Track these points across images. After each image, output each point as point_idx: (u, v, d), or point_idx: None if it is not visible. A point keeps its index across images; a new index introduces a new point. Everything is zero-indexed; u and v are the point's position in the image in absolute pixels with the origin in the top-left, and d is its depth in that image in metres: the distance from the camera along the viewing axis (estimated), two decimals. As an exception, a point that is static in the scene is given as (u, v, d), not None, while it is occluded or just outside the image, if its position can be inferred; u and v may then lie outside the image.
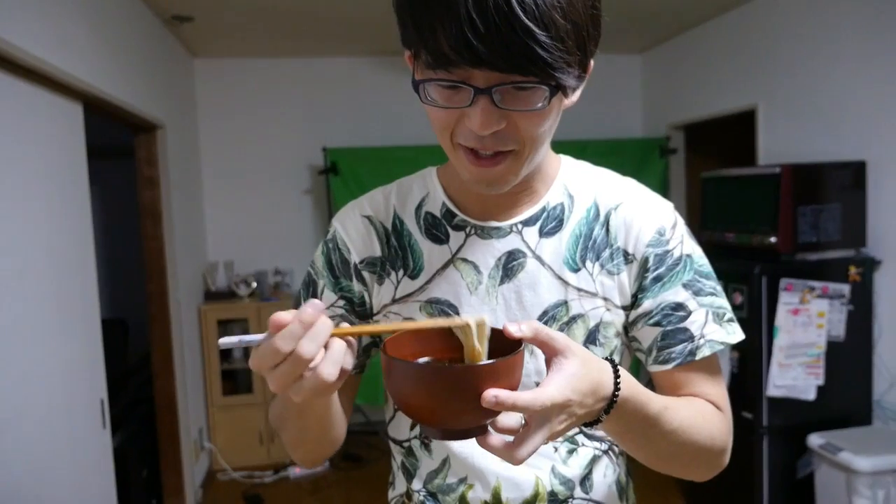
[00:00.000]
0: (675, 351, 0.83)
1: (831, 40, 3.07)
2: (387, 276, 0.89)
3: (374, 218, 0.91)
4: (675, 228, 0.86)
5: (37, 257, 2.00)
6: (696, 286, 0.84)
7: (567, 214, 0.86)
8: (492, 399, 0.59)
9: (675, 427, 0.75)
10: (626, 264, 0.85)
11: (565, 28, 0.65)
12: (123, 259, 4.51)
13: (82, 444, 2.26)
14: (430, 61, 0.67)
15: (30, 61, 1.88)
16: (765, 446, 2.79)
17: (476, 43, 0.64)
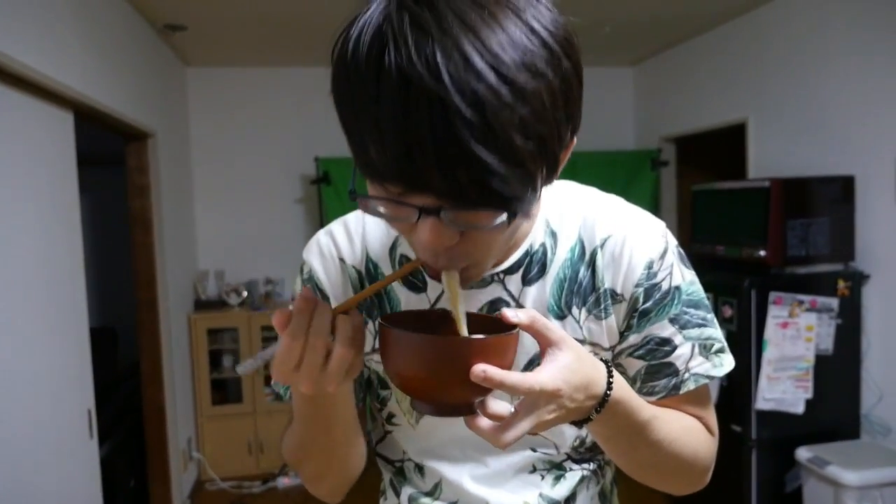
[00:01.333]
0: (659, 385, 0.81)
1: (822, 55, 3.11)
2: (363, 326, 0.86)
3: (346, 263, 0.84)
4: (665, 258, 0.79)
5: (26, 265, 1.99)
6: (682, 319, 0.79)
7: (550, 257, 0.79)
8: (480, 373, 0.57)
9: (662, 438, 0.74)
10: (615, 304, 0.80)
11: (527, 150, 0.54)
12: (113, 267, 4.49)
13: (69, 454, 2.24)
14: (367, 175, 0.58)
15: (20, 70, 1.88)
16: (753, 459, 2.79)
17: (413, 172, 0.54)
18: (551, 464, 0.87)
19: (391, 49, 0.52)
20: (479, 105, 0.51)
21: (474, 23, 0.52)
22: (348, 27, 0.58)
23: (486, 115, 0.51)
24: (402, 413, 0.88)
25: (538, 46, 0.54)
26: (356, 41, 0.55)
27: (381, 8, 0.56)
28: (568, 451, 0.87)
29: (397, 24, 0.53)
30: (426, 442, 0.88)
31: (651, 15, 3.57)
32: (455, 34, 0.52)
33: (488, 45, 0.52)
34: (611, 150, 4.58)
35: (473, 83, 0.51)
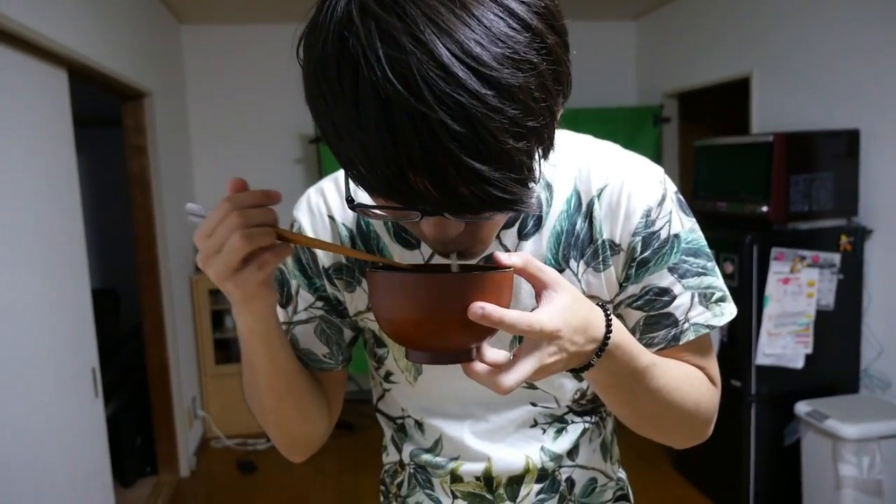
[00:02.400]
0: (659, 336, 0.79)
1: (826, 9, 3.04)
2: (358, 284, 0.83)
3: (337, 220, 0.82)
4: (663, 205, 0.77)
5: (24, 228, 1.98)
6: (682, 268, 0.78)
7: (546, 210, 0.77)
8: (478, 311, 0.54)
9: (662, 385, 0.72)
10: (613, 255, 0.78)
11: (521, 149, 0.52)
12: (113, 229, 4.48)
13: (75, 413, 2.26)
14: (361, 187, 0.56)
15: (11, 27, 1.84)
16: (752, 414, 2.82)
17: (409, 191, 0.52)
18: (552, 417, 0.87)
19: (363, 66, 0.49)
20: (465, 116, 0.48)
21: (447, 22, 0.48)
22: (309, 30, 0.54)
23: (473, 126, 0.49)
24: (400, 370, 0.88)
25: (520, 30, 0.51)
26: (322, 53, 0.52)
27: (341, 7, 0.51)
28: (569, 404, 0.87)
29: (364, 36, 0.49)
30: (425, 399, 0.88)
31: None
32: (428, 40, 0.48)
33: (466, 48, 0.48)
34: (612, 106, 4.53)
35: (456, 94, 0.48)
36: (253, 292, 0.64)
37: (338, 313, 0.86)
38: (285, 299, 0.86)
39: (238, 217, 0.59)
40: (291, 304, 0.86)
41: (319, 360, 0.87)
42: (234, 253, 0.59)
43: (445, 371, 0.84)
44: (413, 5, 0.49)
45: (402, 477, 0.94)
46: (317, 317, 0.85)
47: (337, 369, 0.89)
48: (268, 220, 0.61)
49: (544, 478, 0.88)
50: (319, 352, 0.86)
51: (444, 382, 0.86)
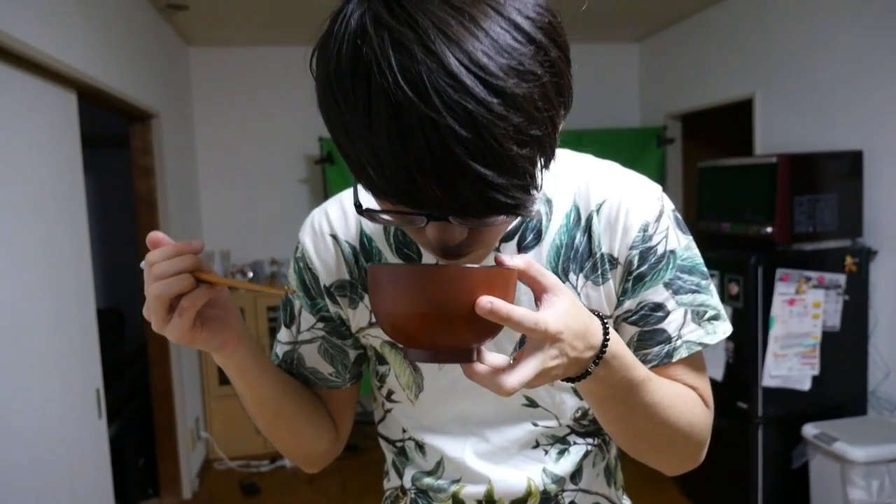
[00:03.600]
0: (652, 352, 0.79)
1: (828, 30, 3.06)
2: (360, 300, 0.84)
3: (339, 238, 0.84)
4: (660, 221, 0.79)
5: (31, 247, 1.99)
6: (676, 284, 0.79)
7: (545, 224, 0.79)
8: (487, 305, 0.54)
9: (658, 401, 0.72)
10: (612, 269, 0.79)
11: (525, 156, 0.54)
12: (119, 249, 4.50)
13: (78, 433, 2.26)
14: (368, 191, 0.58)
15: (23, 50, 1.87)
16: (759, 436, 2.80)
17: (416, 193, 0.54)
18: (554, 438, 0.87)
19: (376, 74, 0.51)
20: (472, 122, 0.50)
21: (456, 33, 0.51)
22: (324, 40, 0.57)
23: (480, 132, 0.51)
24: (402, 388, 0.88)
25: (524, 43, 0.53)
26: (337, 62, 0.54)
27: (356, 19, 0.54)
28: (570, 424, 0.87)
29: (378, 45, 0.51)
30: (426, 418, 0.88)
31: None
32: (438, 50, 0.50)
33: (474, 57, 0.51)
34: (616, 127, 4.55)
35: (464, 101, 0.50)
36: (188, 338, 0.67)
37: (339, 334, 0.87)
38: (289, 319, 0.88)
39: (151, 271, 0.64)
40: (295, 324, 0.88)
41: (326, 378, 0.88)
42: (155, 304, 0.64)
43: (446, 389, 0.84)
44: (424, 17, 0.51)
45: (403, 502, 0.94)
46: (319, 337, 0.87)
47: (345, 387, 0.90)
48: (184, 268, 0.64)
49: (546, 501, 0.87)
50: (325, 371, 0.88)
51: (445, 400, 0.85)
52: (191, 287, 0.65)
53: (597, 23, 4.16)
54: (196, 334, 0.68)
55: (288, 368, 0.90)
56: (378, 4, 0.53)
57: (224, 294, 0.71)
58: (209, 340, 0.70)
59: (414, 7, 0.52)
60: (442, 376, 0.84)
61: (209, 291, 0.67)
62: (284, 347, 0.89)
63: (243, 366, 0.76)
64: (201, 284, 0.66)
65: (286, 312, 0.89)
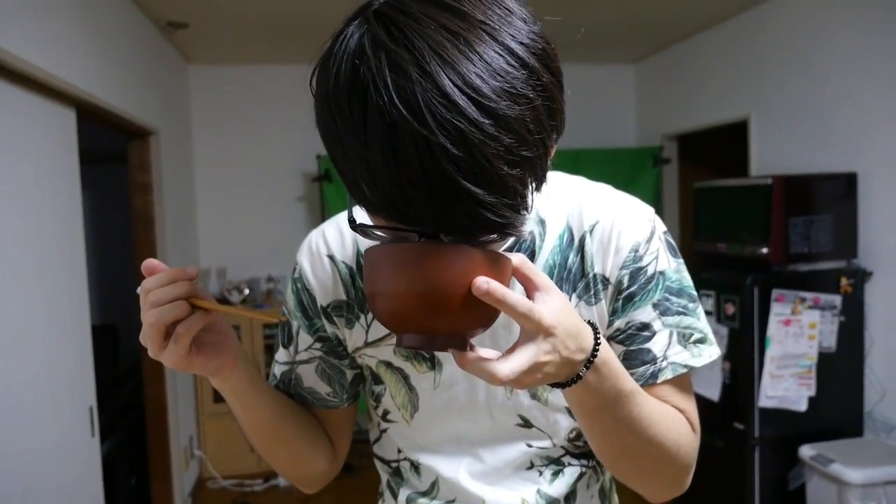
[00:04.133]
0: (638, 372, 0.79)
1: (823, 52, 3.10)
2: (356, 320, 0.85)
3: (336, 258, 0.85)
4: (651, 242, 0.80)
5: (27, 262, 1.99)
6: (663, 305, 0.79)
7: (539, 244, 0.80)
8: (483, 285, 0.55)
9: (645, 415, 0.71)
10: (604, 290, 0.80)
11: (515, 176, 0.55)
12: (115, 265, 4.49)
13: (70, 452, 2.24)
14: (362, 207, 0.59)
15: (23, 67, 1.88)
16: (756, 457, 2.79)
17: (408, 210, 0.55)
18: (549, 459, 0.87)
19: (372, 93, 0.52)
20: (464, 141, 0.52)
21: (451, 56, 0.52)
22: (324, 60, 0.58)
23: (471, 151, 0.52)
24: (397, 408, 0.88)
25: (517, 68, 0.55)
26: (335, 81, 0.56)
27: (355, 41, 0.56)
28: (564, 445, 0.86)
29: (375, 66, 0.53)
30: (421, 437, 0.88)
31: (653, 12, 3.56)
32: (433, 71, 0.51)
33: (468, 80, 0.52)
34: (613, 147, 4.58)
35: (456, 121, 0.51)
36: (184, 364, 0.68)
37: (336, 355, 0.87)
38: (287, 339, 0.89)
39: (146, 298, 0.66)
40: (293, 344, 0.88)
41: (324, 398, 0.89)
42: (151, 331, 0.66)
43: (441, 409, 0.85)
44: (421, 40, 0.53)
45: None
46: (316, 357, 0.87)
47: (343, 407, 0.90)
48: (179, 295, 0.66)
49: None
50: (323, 391, 0.88)
51: (441, 420, 0.86)
52: (186, 313, 0.66)
53: (594, 44, 4.21)
54: (192, 360, 0.69)
55: (286, 389, 0.90)
56: (377, 27, 0.55)
57: (220, 319, 0.72)
58: (205, 365, 0.70)
59: (411, 30, 0.53)
60: (437, 395, 0.84)
61: (204, 317, 0.68)
62: (282, 367, 0.90)
63: (240, 389, 0.76)
64: (196, 311, 0.67)
65: (284, 333, 0.89)
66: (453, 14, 0.55)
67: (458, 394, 0.83)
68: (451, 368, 0.83)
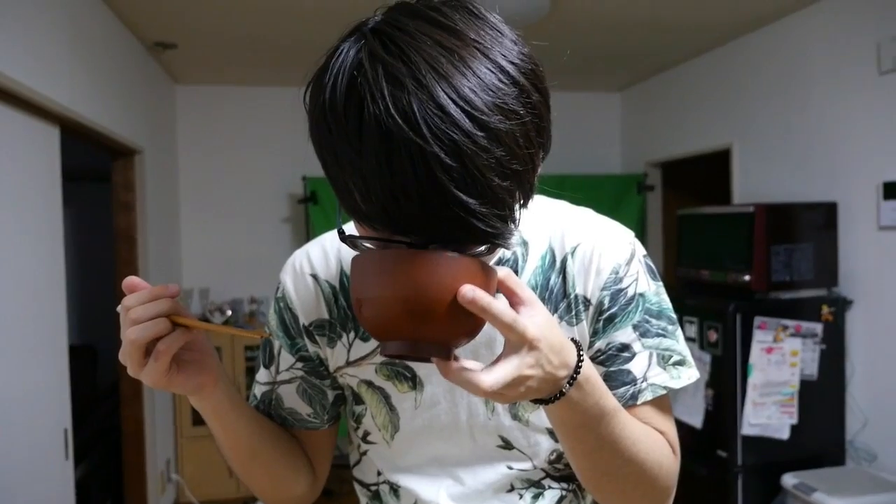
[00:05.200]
0: (618, 393, 0.79)
1: (805, 83, 3.16)
2: (338, 339, 0.85)
3: (319, 277, 0.85)
4: (631, 264, 0.81)
5: (5, 278, 1.96)
6: (643, 327, 0.80)
7: (521, 265, 0.81)
8: (469, 293, 0.55)
9: (627, 435, 0.72)
10: (585, 311, 0.80)
11: (504, 188, 0.56)
12: (95, 284, 4.44)
13: (43, 474, 2.18)
14: (353, 217, 0.60)
15: (6, 83, 1.87)
16: (739, 485, 2.78)
17: (400, 219, 0.56)
18: (529, 482, 0.86)
19: (369, 102, 0.54)
20: (457, 152, 0.53)
21: (446, 70, 0.54)
22: (320, 73, 0.59)
23: (464, 161, 0.53)
24: (378, 428, 0.87)
25: (508, 85, 0.57)
26: (332, 91, 0.57)
27: (352, 55, 0.57)
28: (545, 467, 0.86)
29: (372, 77, 0.54)
30: (401, 459, 0.88)
31: (638, 42, 3.62)
32: (429, 84, 0.53)
33: (462, 93, 0.54)
34: (598, 173, 4.62)
35: (450, 132, 0.53)
36: (164, 382, 0.68)
37: (318, 374, 0.87)
38: (268, 359, 0.88)
39: (127, 315, 0.66)
40: (274, 364, 0.88)
41: (304, 419, 0.88)
42: (131, 348, 0.65)
43: (422, 429, 0.84)
44: (417, 54, 0.55)
45: None
46: (298, 377, 0.87)
47: (323, 428, 0.90)
48: (160, 312, 0.66)
49: None
50: (303, 411, 0.88)
51: (421, 441, 0.85)
52: (167, 331, 0.66)
53: (580, 72, 4.26)
54: (172, 378, 0.68)
55: (266, 409, 0.89)
56: (374, 42, 0.56)
57: (200, 337, 0.71)
58: (185, 384, 0.70)
59: (408, 45, 0.55)
60: (418, 416, 0.84)
61: (185, 335, 0.67)
62: (263, 388, 0.89)
63: (220, 408, 0.76)
64: (177, 328, 0.66)
65: (265, 353, 0.89)
66: (448, 32, 0.56)
67: (440, 414, 0.83)
68: (432, 389, 0.82)
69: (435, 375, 0.81)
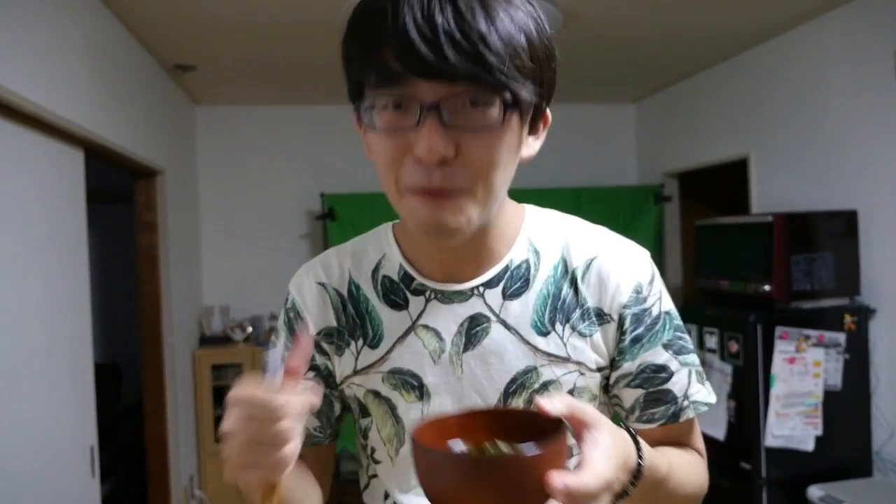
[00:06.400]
0: (659, 412, 0.81)
1: (822, 91, 3.14)
2: (346, 347, 0.85)
3: (328, 285, 0.87)
4: (653, 283, 0.82)
5: (32, 300, 2.00)
6: (677, 345, 0.81)
7: (533, 273, 0.81)
8: (562, 486, 0.54)
9: (678, 485, 0.75)
10: (601, 325, 0.80)
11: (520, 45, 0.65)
12: (119, 303, 4.50)
13: (70, 492, 2.22)
14: (376, 81, 0.65)
15: (31, 109, 1.92)
16: (764, 498, 2.74)
17: (424, 49, 0.61)
18: None
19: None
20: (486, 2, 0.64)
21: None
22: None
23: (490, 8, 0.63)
24: (383, 443, 0.87)
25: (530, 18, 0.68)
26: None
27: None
28: None
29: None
30: (405, 479, 0.87)
31: (652, 53, 3.63)
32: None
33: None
34: (614, 185, 4.61)
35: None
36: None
37: (326, 384, 0.88)
38: None
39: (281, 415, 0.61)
40: None
41: (311, 434, 0.89)
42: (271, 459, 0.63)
43: None
44: None
45: None
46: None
47: (325, 443, 0.91)
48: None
49: None
50: (311, 425, 0.89)
51: None
52: None
53: (595, 84, 4.27)
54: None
55: None
56: None
57: None
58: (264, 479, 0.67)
59: None
60: None
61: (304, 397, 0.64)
62: None
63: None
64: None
65: None
66: None
67: None
68: (439, 399, 0.82)
69: (443, 386, 0.81)
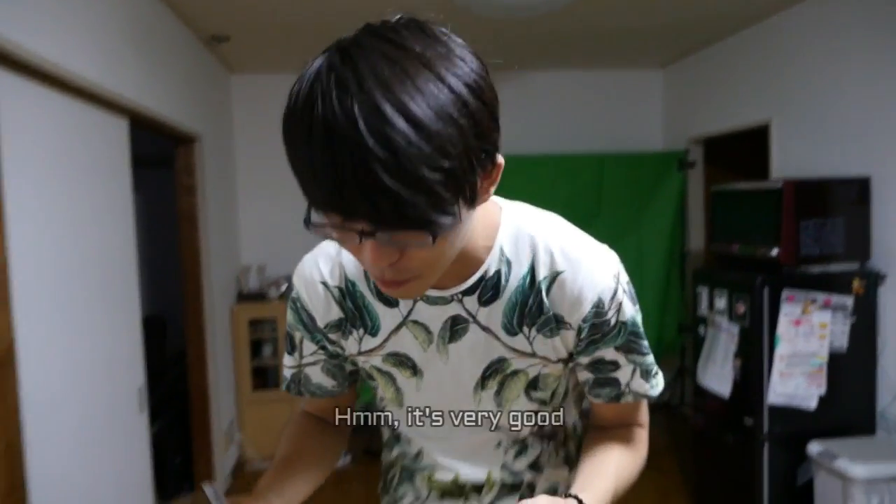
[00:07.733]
0: (603, 393, 0.98)
1: (842, 59, 3.15)
2: (350, 334, 0.98)
3: (329, 284, 0.97)
4: (615, 298, 0.90)
5: (86, 259, 2.22)
6: (628, 346, 0.94)
7: (503, 284, 0.90)
8: None
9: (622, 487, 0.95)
10: (562, 330, 0.92)
11: (435, 179, 0.63)
12: (163, 261, 4.76)
13: (122, 427, 2.47)
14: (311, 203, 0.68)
15: (80, 82, 2.10)
16: (766, 453, 2.87)
17: (344, 204, 0.64)
18: (515, 441, 1.03)
19: (319, 103, 0.63)
20: (390, 145, 0.60)
21: (388, 79, 0.62)
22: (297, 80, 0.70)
23: (395, 153, 0.61)
24: (388, 400, 1.05)
25: (445, 93, 0.64)
26: (296, 95, 0.67)
27: (316, 66, 0.67)
28: (530, 433, 1.04)
29: (325, 82, 0.64)
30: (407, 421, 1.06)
31: (681, 18, 3.65)
32: (370, 89, 0.62)
33: (398, 97, 0.62)
34: (639, 150, 4.66)
35: (384, 128, 0.61)
36: None
37: (337, 357, 1.04)
38: (292, 348, 1.06)
39: None
40: (297, 351, 1.05)
41: (330, 390, 1.07)
42: None
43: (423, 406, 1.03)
44: (365, 64, 0.64)
45: (393, 472, 1.13)
46: (321, 360, 1.04)
47: (346, 392, 1.10)
48: None
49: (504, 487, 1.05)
50: (328, 384, 1.07)
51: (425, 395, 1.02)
52: None
53: (623, 50, 4.30)
54: None
55: (297, 387, 1.08)
56: (335, 55, 0.67)
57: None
58: None
59: (359, 57, 0.65)
60: (419, 395, 1.01)
61: None
62: (291, 370, 1.07)
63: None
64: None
65: (289, 342, 1.06)
66: (395, 46, 0.65)
67: (437, 396, 1.00)
68: (430, 376, 0.97)
69: (432, 368, 0.96)
